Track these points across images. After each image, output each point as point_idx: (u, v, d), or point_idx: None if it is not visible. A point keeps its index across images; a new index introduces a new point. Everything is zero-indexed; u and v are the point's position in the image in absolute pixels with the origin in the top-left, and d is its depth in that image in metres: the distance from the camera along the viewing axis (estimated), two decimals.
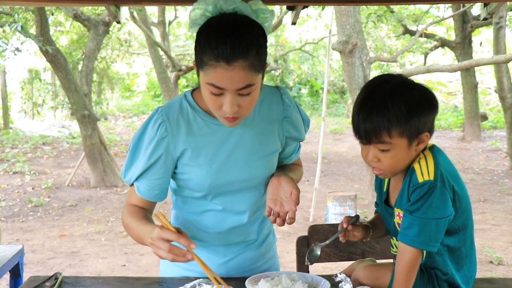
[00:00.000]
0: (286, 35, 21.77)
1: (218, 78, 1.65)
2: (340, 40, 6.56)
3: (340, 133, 16.38)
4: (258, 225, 2.07)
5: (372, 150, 1.73)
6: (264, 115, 1.94)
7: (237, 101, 1.70)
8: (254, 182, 1.96)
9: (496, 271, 5.57)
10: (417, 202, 1.69)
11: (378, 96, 1.70)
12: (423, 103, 1.72)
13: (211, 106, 1.75)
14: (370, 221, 2.01)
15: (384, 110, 1.67)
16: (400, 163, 1.74)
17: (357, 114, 1.72)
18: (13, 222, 7.69)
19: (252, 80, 1.68)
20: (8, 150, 13.18)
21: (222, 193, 1.95)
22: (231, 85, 1.66)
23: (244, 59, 1.64)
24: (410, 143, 1.71)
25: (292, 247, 2.17)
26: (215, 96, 1.70)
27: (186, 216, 2.04)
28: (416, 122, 1.69)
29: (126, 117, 21.85)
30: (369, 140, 1.71)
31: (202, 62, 1.67)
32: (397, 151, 1.71)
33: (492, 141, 14.29)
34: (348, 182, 10.35)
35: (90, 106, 10.40)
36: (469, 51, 13.71)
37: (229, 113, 1.71)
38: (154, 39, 14.26)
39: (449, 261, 1.79)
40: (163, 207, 7.33)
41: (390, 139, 1.68)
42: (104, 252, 6.27)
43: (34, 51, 15.23)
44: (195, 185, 1.92)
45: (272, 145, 1.96)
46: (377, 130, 1.68)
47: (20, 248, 3.84)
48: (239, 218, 2.00)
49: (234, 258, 2.05)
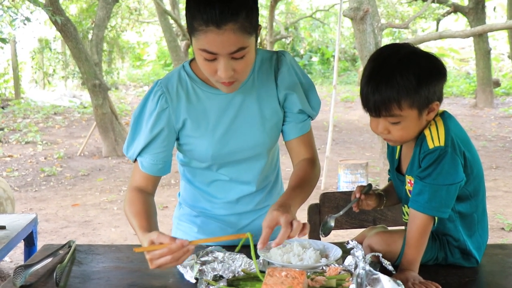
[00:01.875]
0: (297, 2, 21.56)
1: (210, 43, 1.63)
2: (351, 7, 6.48)
3: (351, 101, 16.30)
4: (267, 193, 2.07)
5: (382, 122, 1.72)
6: (263, 80, 1.91)
7: (232, 65, 1.68)
8: (258, 150, 1.94)
9: (508, 238, 5.58)
10: (428, 168, 1.68)
11: (386, 68, 1.68)
12: (432, 72, 1.70)
13: (206, 72, 1.72)
14: (384, 189, 2.01)
15: (393, 82, 1.65)
16: (411, 133, 1.73)
17: (365, 86, 1.70)
18: (26, 191, 7.77)
19: (244, 43, 1.65)
20: (20, 120, 13.26)
21: (227, 163, 1.94)
22: (223, 49, 1.63)
23: (234, 22, 1.61)
24: (420, 113, 1.70)
25: (303, 215, 2.18)
26: (209, 62, 1.68)
27: (195, 187, 2.05)
28: (425, 92, 1.67)
29: (137, 86, 21.85)
30: (378, 113, 1.69)
31: (193, 29, 1.65)
32: (407, 122, 1.70)
33: (505, 108, 14.18)
34: (359, 150, 10.34)
35: (101, 76, 10.40)
36: (482, 17, 13.52)
37: (224, 78, 1.69)
38: (164, 8, 14.17)
39: (460, 227, 1.79)
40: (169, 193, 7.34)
41: (401, 111, 1.67)
42: (116, 221, 6.33)
43: (44, 20, 15.18)
44: (199, 156, 1.92)
45: (273, 110, 1.93)
46: (386, 103, 1.66)
47: (33, 217, 3.89)
48: (247, 188, 2.00)
49: (246, 226, 2.06)
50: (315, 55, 24.15)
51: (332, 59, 22.75)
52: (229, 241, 1.84)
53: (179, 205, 2.18)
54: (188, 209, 2.11)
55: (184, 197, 2.13)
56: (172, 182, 7.95)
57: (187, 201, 2.11)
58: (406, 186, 1.82)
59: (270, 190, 2.08)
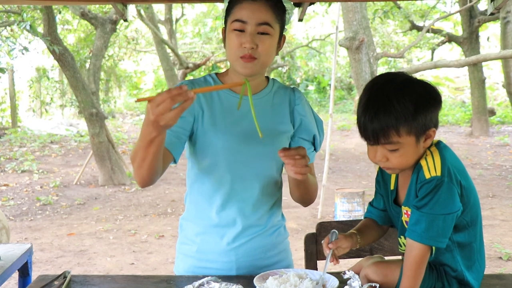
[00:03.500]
0: (293, 31, 21.73)
1: (242, 11, 1.89)
2: (347, 37, 6.55)
3: (347, 129, 16.35)
4: (267, 211, 2.08)
5: (380, 150, 1.73)
6: (280, 100, 2.09)
7: (256, 40, 1.89)
8: (264, 159, 2.02)
9: (506, 267, 5.55)
10: (425, 198, 1.69)
11: (383, 96, 1.70)
12: (428, 99, 1.71)
13: (232, 48, 1.91)
14: (356, 228, 1.98)
15: (391, 109, 1.67)
16: (409, 160, 1.74)
17: (363, 115, 1.71)
18: (22, 220, 7.73)
19: (271, 21, 1.91)
20: (16, 148, 13.24)
21: (234, 163, 1.99)
22: (253, 17, 1.88)
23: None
24: (418, 140, 1.71)
25: (300, 244, 2.17)
26: (237, 34, 1.89)
27: (199, 197, 2.06)
28: (423, 119, 1.69)
29: (134, 115, 21.90)
30: (377, 141, 1.70)
31: (230, 8, 1.93)
32: (405, 149, 1.71)
33: (500, 136, 14.23)
34: (356, 178, 10.34)
35: (98, 104, 10.42)
36: (476, 46, 13.65)
37: (248, 46, 1.87)
38: (161, 37, 14.28)
39: (459, 257, 1.78)
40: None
41: (399, 137, 1.68)
42: (112, 250, 6.29)
43: (42, 49, 15.28)
44: (212, 149, 1.98)
45: (284, 125, 2.07)
46: (385, 130, 1.67)
47: (28, 247, 3.85)
48: (250, 194, 2.02)
49: (244, 244, 2.05)
50: (311, 84, 24.29)
51: (328, 88, 22.88)
52: (224, 224, 2.01)
53: (181, 228, 2.17)
54: (190, 227, 2.10)
55: (188, 210, 2.12)
56: (169, 211, 7.93)
57: (191, 213, 2.11)
58: (403, 217, 1.82)
59: (269, 210, 2.08)
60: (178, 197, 8.89)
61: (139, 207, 8.30)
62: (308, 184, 2.06)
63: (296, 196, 2.12)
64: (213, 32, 19.57)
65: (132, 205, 8.49)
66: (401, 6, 11.88)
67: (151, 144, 1.71)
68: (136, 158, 1.80)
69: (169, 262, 5.77)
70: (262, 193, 2.05)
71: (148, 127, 1.65)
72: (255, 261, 2.05)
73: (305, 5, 2.77)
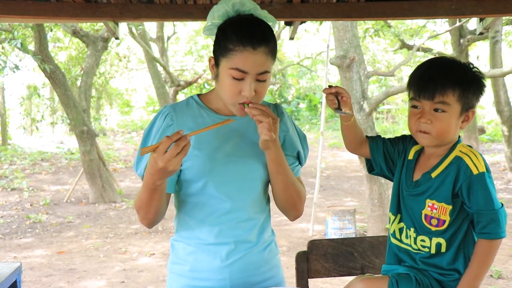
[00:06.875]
0: (284, 50, 21.84)
1: (243, 61, 1.84)
2: (338, 55, 6.59)
3: (338, 147, 16.38)
4: (258, 227, 2.08)
5: (428, 108, 1.83)
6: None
7: (254, 86, 1.87)
8: (251, 177, 2.02)
9: (496, 285, 5.56)
10: (479, 197, 1.79)
11: (446, 61, 1.87)
12: (481, 82, 1.87)
13: (230, 92, 1.88)
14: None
15: (456, 70, 1.83)
16: (448, 131, 1.85)
17: (428, 70, 1.86)
18: (11, 239, 7.66)
19: (269, 67, 1.90)
20: (6, 166, 13.18)
21: (221, 183, 1.99)
22: (254, 68, 1.85)
23: (266, 45, 1.86)
24: (461, 113, 1.84)
25: (291, 262, 2.17)
26: (235, 82, 1.86)
27: (188, 218, 2.07)
28: (472, 92, 1.83)
29: (125, 132, 21.88)
30: (432, 95, 1.81)
31: (226, 50, 1.85)
32: (450, 115, 1.82)
33: (490, 154, 14.31)
34: (347, 196, 10.34)
35: (89, 122, 10.41)
36: None
37: (248, 96, 1.86)
38: (152, 55, 14.31)
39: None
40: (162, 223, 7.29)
41: (453, 97, 1.80)
42: (102, 269, 6.24)
43: (33, 67, 15.27)
44: (197, 170, 1.98)
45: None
46: (445, 86, 1.81)
47: (17, 266, 3.82)
48: (241, 212, 2.02)
49: (237, 260, 2.04)
50: (302, 102, 24.36)
51: (319, 106, 22.95)
52: (217, 242, 2.00)
53: (172, 248, 2.16)
54: (182, 247, 2.09)
55: (179, 231, 2.12)
56: (160, 229, 7.89)
57: (182, 235, 2.10)
58: (425, 210, 1.87)
59: (260, 226, 2.08)
60: (168, 215, 8.81)
61: (129, 225, 8.25)
62: (294, 182, 2.06)
63: (283, 200, 2.08)
64: (204, 50, 19.62)
65: (122, 222, 8.45)
66: (392, 25, 11.97)
67: (156, 191, 1.84)
68: (142, 206, 1.92)
69: (160, 280, 5.73)
70: (253, 210, 2.05)
71: (153, 176, 1.76)
72: (249, 277, 2.05)
73: (296, 23, 2.80)
